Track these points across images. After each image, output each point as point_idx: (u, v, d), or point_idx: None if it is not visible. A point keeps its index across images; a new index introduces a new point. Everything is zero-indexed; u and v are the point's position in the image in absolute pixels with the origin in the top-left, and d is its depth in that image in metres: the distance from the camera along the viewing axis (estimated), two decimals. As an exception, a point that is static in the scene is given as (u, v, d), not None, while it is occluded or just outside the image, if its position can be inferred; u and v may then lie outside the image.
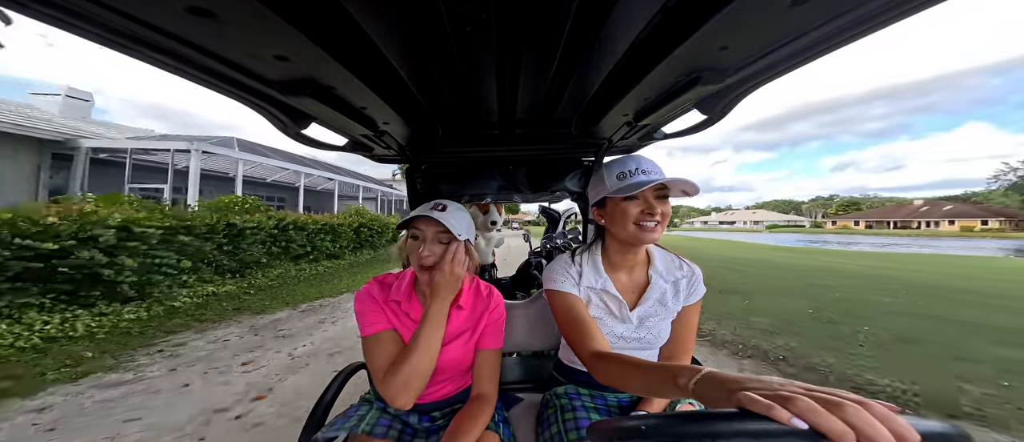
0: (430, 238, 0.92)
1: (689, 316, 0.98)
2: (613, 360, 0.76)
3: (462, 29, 0.53)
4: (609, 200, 0.90)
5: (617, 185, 0.86)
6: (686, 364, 0.76)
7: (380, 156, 1.31)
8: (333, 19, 0.49)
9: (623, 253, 0.95)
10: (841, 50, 0.54)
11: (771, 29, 0.49)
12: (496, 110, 0.91)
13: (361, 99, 0.72)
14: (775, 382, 0.45)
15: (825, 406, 0.39)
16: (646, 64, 0.61)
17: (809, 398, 0.41)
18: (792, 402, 0.40)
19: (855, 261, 10.90)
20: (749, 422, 0.41)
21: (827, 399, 0.40)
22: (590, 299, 0.96)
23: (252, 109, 0.72)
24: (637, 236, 0.85)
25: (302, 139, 0.92)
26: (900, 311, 4.69)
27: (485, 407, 0.95)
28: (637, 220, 0.85)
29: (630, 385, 0.72)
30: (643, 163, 0.86)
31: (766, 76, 0.64)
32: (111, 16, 0.43)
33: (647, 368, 0.68)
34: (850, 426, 0.37)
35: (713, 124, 0.88)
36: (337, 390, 1.05)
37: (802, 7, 0.42)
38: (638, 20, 0.52)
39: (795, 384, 0.44)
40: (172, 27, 0.45)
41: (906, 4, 0.44)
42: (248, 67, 0.56)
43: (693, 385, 0.53)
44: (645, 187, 0.80)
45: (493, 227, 3.01)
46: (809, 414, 0.39)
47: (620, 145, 1.31)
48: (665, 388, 0.60)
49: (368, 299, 0.96)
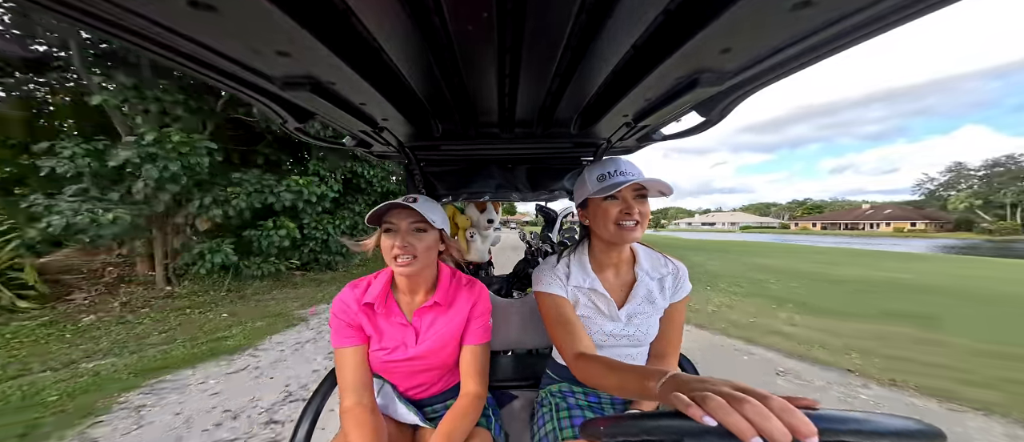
0: (405, 229, 0.91)
1: (676, 313, 1.00)
2: (593, 361, 0.79)
3: (464, 27, 0.53)
4: (591, 201, 0.93)
5: (597, 186, 0.89)
6: (660, 367, 0.79)
7: (379, 153, 1.31)
8: (335, 15, 0.49)
9: (607, 252, 0.98)
10: (842, 53, 0.55)
11: (773, 31, 0.49)
12: (495, 109, 0.91)
13: (361, 95, 0.72)
14: (711, 382, 0.49)
15: (732, 403, 0.44)
16: (647, 65, 0.61)
17: (721, 396, 0.45)
18: (705, 401, 0.45)
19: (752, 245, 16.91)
20: (677, 420, 0.47)
21: (733, 396, 0.45)
22: (578, 299, 0.98)
23: (253, 104, 0.72)
24: (618, 235, 0.88)
25: (303, 134, 0.92)
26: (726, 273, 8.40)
27: (474, 404, 0.94)
28: (617, 219, 0.88)
29: (607, 386, 0.74)
30: (621, 165, 0.89)
31: (766, 79, 0.64)
32: (113, 9, 0.42)
33: (622, 370, 0.71)
34: (749, 421, 0.42)
35: (711, 126, 0.89)
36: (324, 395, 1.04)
37: (805, 10, 0.42)
38: (641, 20, 0.51)
39: (726, 383, 0.48)
40: (173, 22, 0.45)
41: (909, 8, 0.44)
42: (249, 63, 0.56)
43: (659, 388, 0.56)
44: (622, 187, 0.83)
45: (490, 225, 3.01)
46: (717, 412, 0.44)
47: (619, 146, 1.31)
48: (637, 390, 0.63)
49: (340, 308, 0.95)
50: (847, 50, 0.53)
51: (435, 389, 1.06)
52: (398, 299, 1.00)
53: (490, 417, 1.07)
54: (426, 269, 0.97)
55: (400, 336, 0.97)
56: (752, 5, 0.41)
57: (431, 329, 0.98)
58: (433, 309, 0.99)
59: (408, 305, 1.00)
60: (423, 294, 1.00)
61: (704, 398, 0.46)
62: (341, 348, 0.92)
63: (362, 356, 0.93)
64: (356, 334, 0.94)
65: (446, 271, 1.04)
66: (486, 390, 1.00)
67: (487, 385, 1.00)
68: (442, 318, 0.99)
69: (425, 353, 0.97)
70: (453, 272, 1.06)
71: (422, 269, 0.94)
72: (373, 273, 1.02)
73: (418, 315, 0.98)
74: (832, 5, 0.43)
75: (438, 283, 1.01)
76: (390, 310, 0.97)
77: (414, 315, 0.98)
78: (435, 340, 0.98)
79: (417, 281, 0.98)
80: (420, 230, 0.93)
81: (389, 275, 1.00)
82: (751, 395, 0.45)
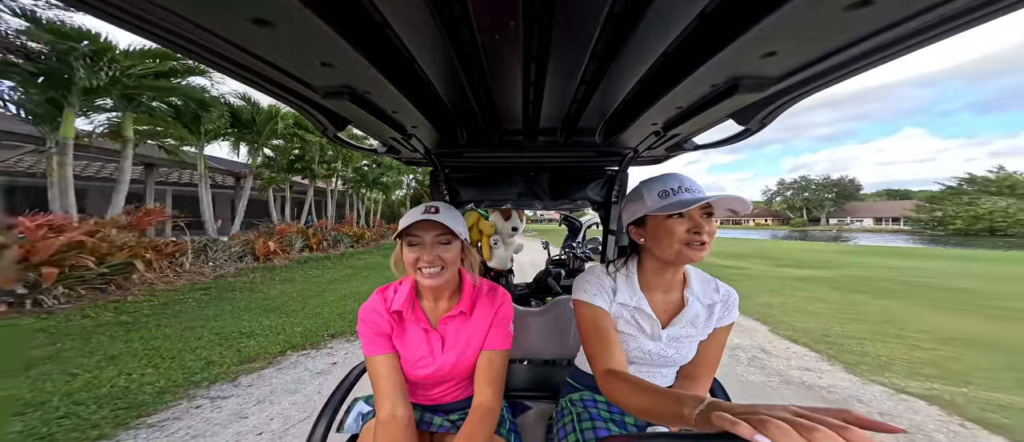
0: (430, 242, 0.91)
1: (719, 338, 0.95)
2: (623, 380, 0.76)
3: (491, 36, 0.53)
4: (650, 219, 0.88)
5: (660, 203, 0.83)
6: (695, 393, 0.74)
7: (407, 159, 1.34)
8: (372, 27, 0.51)
9: (661, 272, 0.93)
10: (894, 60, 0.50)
11: (825, 34, 0.46)
12: (520, 116, 0.91)
13: (393, 104, 0.74)
14: (762, 408, 0.45)
15: (799, 430, 0.40)
16: (679, 71, 0.59)
17: (786, 421, 0.41)
18: (765, 424, 0.41)
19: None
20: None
21: (802, 423, 0.41)
22: (621, 315, 0.94)
23: (297, 111, 0.76)
24: (684, 255, 0.83)
25: (339, 141, 0.96)
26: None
27: (486, 418, 0.91)
28: (685, 239, 0.82)
29: (633, 407, 0.71)
30: (685, 181, 0.85)
31: (813, 85, 0.60)
32: (185, 25, 0.47)
33: (653, 393, 0.67)
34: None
35: (750, 135, 0.84)
36: (351, 385, 1.06)
37: (862, 10, 0.39)
38: (674, 26, 0.50)
39: (787, 408, 0.44)
40: (237, 37, 0.49)
41: (976, 12, 0.40)
42: (297, 73, 0.60)
43: (697, 416, 0.52)
44: (693, 206, 0.78)
45: (515, 233, 3.01)
46: (782, 437, 0.40)
47: (646, 156, 1.28)
48: (671, 415, 0.60)
49: (370, 316, 0.96)
50: (906, 55, 0.49)
51: (460, 393, 1.05)
52: (423, 306, 1.01)
53: (507, 426, 1.05)
54: (451, 277, 0.97)
55: (427, 343, 0.98)
56: (802, 6, 0.39)
57: (456, 336, 0.98)
58: (458, 317, 0.99)
59: (432, 312, 1.01)
60: (446, 301, 1.01)
61: (761, 421, 0.42)
62: (373, 357, 0.93)
63: (394, 363, 0.94)
64: (386, 342, 0.95)
65: (468, 278, 1.04)
66: (499, 402, 0.97)
67: (502, 396, 0.98)
68: (466, 325, 0.99)
69: (451, 361, 0.97)
70: (475, 279, 1.06)
71: (449, 278, 0.95)
72: (397, 280, 1.04)
73: (444, 323, 0.99)
74: (892, 5, 0.39)
75: (462, 290, 1.01)
76: (417, 317, 0.98)
77: (440, 323, 0.99)
78: (461, 347, 0.98)
79: (441, 289, 0.98)
80: (446, 242, 0.93)
81: (413, 282, 1.00)
82: (824, 423, 0.40)
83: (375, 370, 0.92)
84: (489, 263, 2.96)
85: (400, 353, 0.96)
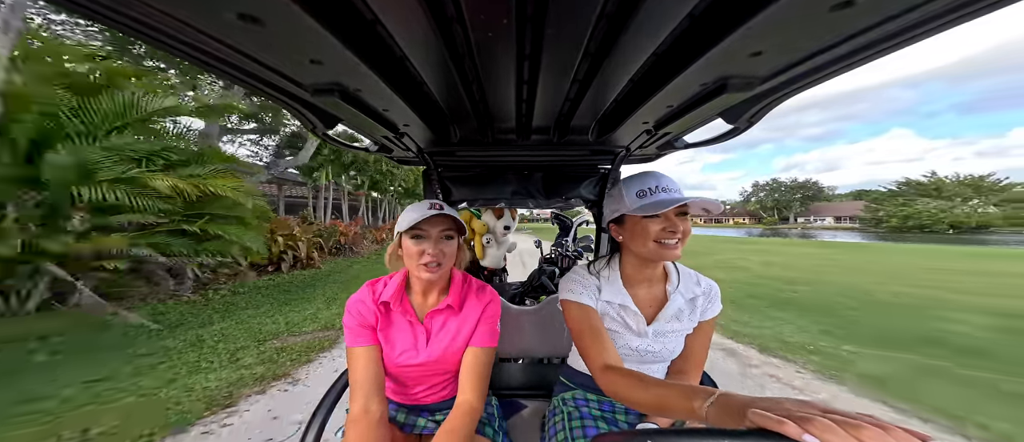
0: (435, 237, 0.92)
1: (703, 331, 0.96)
2: (624, 375, 0.75)
3: (484, 34, 0.53)
4: (628, 217, 0.89)
5: (637, 203, 0.85)
6: (697, 384, 0.75)
7: (400, 158, 1.33)
8: (363, 24, 0.51)
9: (641, 269, 0.94)
10: (882, 59, 0.52)
11: (811, 33, 0.46)
12: (513, 115, 0.91)
13: (385, 102, 0.73)
14: (787, 402, 0.46)
15: (844, 428, 0.40)
16: (670, 70, 0.60)
17: (828, 420, 0.41)
18: (810, 422, 0.41)
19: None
20: (763, 441, 0.42)
21: (846, 421, 0.41)
22: (607, 313, 0.95)
23: (286, 109, 0.75)
24: (658, 253, 0.85)
25: (329, 139, 0.94)
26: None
27: (469, 416, 0.90)
28: (658, 237, 0.84)
29: (639, 402, 0.70)
30: (662, 180, 0.85)
31: (799, 84, 0.61)
32: (171, 22, 0.45)
33: (660, 387, 0.67)
34: None
35: (739, 134, 0.86)
36: (333, 402, 1.02)
37: (846, 10, 0.40)
38: (665, 25, 0.50)
39: (813, 404, 0.44)
40: (223, 34, 0.48)
41: (958, 11, 0.41)
42: (286, 71, 0.59)
43: (707, 408, 0.52)
44: (668, 208, 0.79)
45: (507, 232, 3.01)
46: (827, 434, 0.39)
47: (638, 154, 1.29)
48: (680, 409, 0.60)
49: (356, 308, 0.95)
50: (889, 55, 0.50)
51: (445, 393, 1.05)
52: (412, 300, 1.01)
53: (495, 427, 1.05)
54: (446, 273, 0.98)
55: (412, 337, 0.97)
56: (789, 6, 0.39)
57: (442, 331, 0.98)
58: (445, 312, 0.98)
59: (421, 306, 1.00)
60: (436, 296, 1.01)
61: (808, 419, 0.41)
62: (354, 347, 0.93)
63: (374, 356, 0.93)
64: (370, 334, 0.94)
65: (458, 275, 1.04)
66: (483, 401, 0.95)
67: (485, 395, 0.97)
68: (453, 321, 0.99)
69: (436, 355, 0.97)
70: (464, 276, 1.06)
71: (444, 273, 0.96)
72: (388, 275, 1.04)
73: (430, 317, 0.98)
74: (875, 6, 0.40)
75: (451, 286, 1.01)
76: (405, 310, 0.98)
77: (426, 317, 0.99)
78: (446, 342, 0.97)
79: (434, 284, 0.98)
80: (449, 237, 0.94)
81: (403, 276, 1.00)
82: (866, 423, 0.40)
83: (354, 362, 0.92)
84: (482, 262, 2.95)
85: (384, 345, 0.95)
